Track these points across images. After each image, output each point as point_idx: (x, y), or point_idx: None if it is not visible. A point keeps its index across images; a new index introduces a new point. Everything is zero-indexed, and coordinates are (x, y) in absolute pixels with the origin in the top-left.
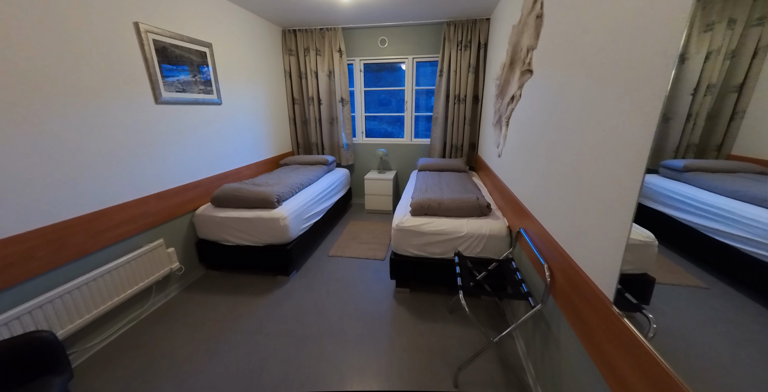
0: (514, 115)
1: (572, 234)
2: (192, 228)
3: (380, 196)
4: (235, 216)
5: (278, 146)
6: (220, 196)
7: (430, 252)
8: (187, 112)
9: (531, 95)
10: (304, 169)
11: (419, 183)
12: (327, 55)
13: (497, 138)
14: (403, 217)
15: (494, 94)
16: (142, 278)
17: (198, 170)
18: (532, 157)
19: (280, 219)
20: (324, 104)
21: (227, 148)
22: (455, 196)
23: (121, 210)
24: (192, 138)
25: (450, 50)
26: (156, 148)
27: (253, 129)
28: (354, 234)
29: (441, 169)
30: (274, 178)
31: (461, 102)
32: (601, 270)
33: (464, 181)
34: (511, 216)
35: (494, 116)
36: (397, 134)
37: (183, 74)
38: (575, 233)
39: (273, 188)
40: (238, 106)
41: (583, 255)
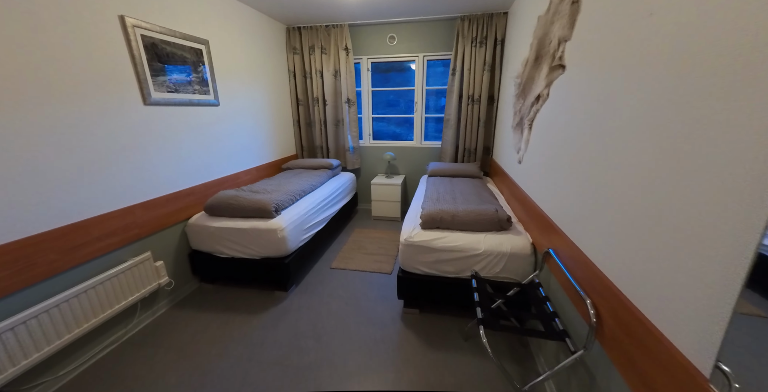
0: (539, 116)
1: (628, 268)
2: (185, 239)
3: (388, 202)
4: (229, 227)
5: (281, 149)
6: (214, 204)
7: (443, 270)
8: (181, 113)
9: (562, 94)
10: (307, 173)
11: (430, 190)
12: (333, 54)
13: (517, 142)
14: (413, 231)
15: (513, 93)
16: (125, 296)
17: (192, 176)
18: (565, 166)
19: (278, 231)
20: (329, 105)
21: (225, 152)
22: (471, 208)
23: (100, 223)
24: (186, 142)
25: (464, 47)
26: (143, 154)
27: (253, 131)
28: (359, 243)
29: (453, 175)
30: (274, 184)
31: (475, 102)
32: (684, 333)
33: (479, 188)
34: (536, 232)
35: (514, 118)
36: (406, 136)
37: (176, 73)
38: (634, 268)
39: (271, 196)
40: (238, 108)
41: (648, 299)
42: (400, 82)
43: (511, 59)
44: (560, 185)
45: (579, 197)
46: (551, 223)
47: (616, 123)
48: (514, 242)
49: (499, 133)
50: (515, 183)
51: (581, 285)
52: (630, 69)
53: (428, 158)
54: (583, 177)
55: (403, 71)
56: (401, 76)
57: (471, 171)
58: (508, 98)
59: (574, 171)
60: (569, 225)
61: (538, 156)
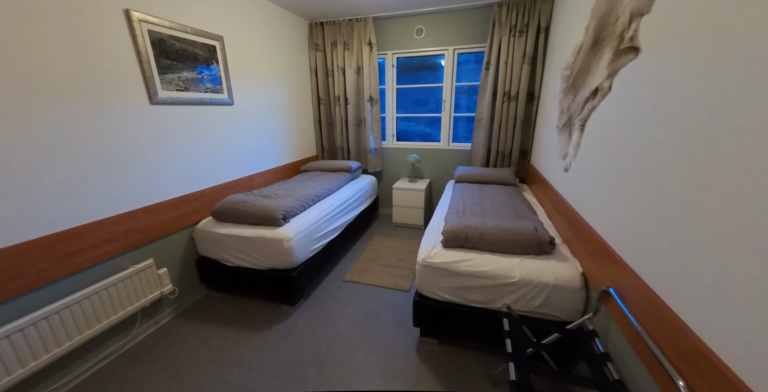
0: (595, 115)
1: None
2: (192, 244)
3: (410, 208)
4: (235, 234)
5: (301, 150)
6: (221, 209)
7: (467, 299)
8: (191, 113)
9: (632, 86)
10: (325, 176)
11: (456, 200)
12: (356, 50)
13: (563, 146)
14: (432, 249)
15: (560, 88)
16: (124, 305)
17: (202, 179)
18: (634, 180)
19: (284, 241)
20: (351, 104)
21: (239, 153)
22: (504, 224)
23: (97, 228)
24: (196, 143)
25: (500, 37)
26: (149, 155)
27: (270, 132)
28: (376, 253)
29: (484, 181)
30: (287, 188)
31: (512, 100)
32: None
33: (514, 199)
34: (588, 259)
35: (560, 117)
36: (432, 137)
37: (186, 71)
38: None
39: (280, 202)
40: (254, 107)
41: None
42: (429, 82)
43: (557, 48)
44: (626, 203)
45: (659, 223)
46: (609, 251)
47: (736, 124)
48: (559, 271)
49: (539, 135)
50: (559, 194)
51: (665, 352)
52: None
53: (456, 161)
54: (667, 195)
55: (433, 69)
56: (431, 76)
57: (504, 177)
58: (552, 94)
59: (649, 184)
60: (640, 257)
61: (593, 164)
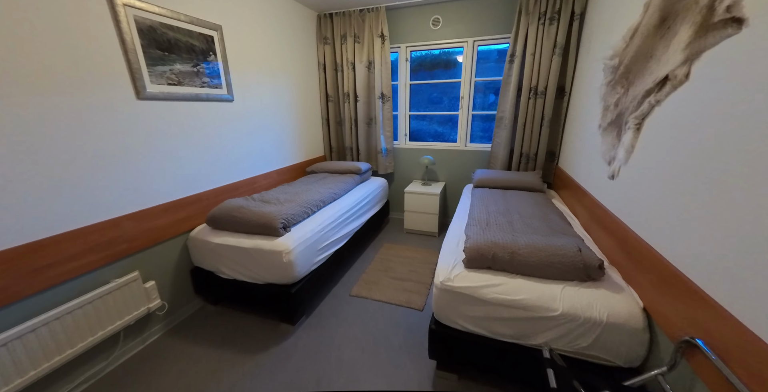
0: (659, 111)
1: None
2: (186, 253)
3: (423, 214)
4: (230, 244)
5: (307, 150)
6: (217, 215)
7: (495, 331)
8: (186, 110)
9: (728, 72)
10: (332, 179)
11: (476, 209)
12: (367, 43)
13: (609, 149)
14: (452, 269)
15: (603, 81)
16: (103, 325)
17: (198, 181)
18: (740, 197)
19: (283, 253)
20: (361, 101)
21: (241, 153)
22: (539, 242)
23: (75, 238)
24: (191, 142)
25: (528, 26)
26: (135, 156)
27: (275, 131)
28: (387, 263)
29: (506, 187)
30: (291, 192)
31: (539, 96)
32: None
33: (544, 208)
34: (652, 292)
35: (603, 115)
36: (447, 137)
37: (180, 63)
38: None
39: (281, 208)
40: (257, 104)
41: None
42: (443, 81)
43: (597, 35)
44: (721, 225)
45: None
46: (690, 286)
47: None
48: (613, 304)
49: (570, 135)
50: (600, 205)
51: None
52: None
53: (474, 164)
54: None
55: (447, 68)
56: (445, 75)
57: (531, 182)
58: (589, 89)
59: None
60: (749, 301)
61: (652, 171)
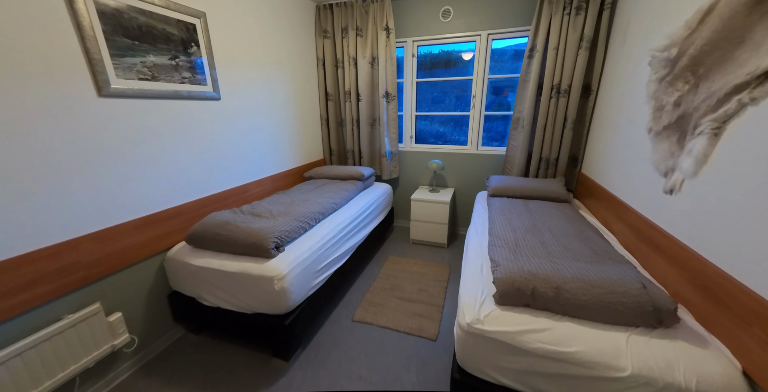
0: (756, 113)
1: None
2: (163, 275)
3: (432, 223)
4: (213, 267)
5: (305, 154)
6: (198, 233)
7: (539, 389)
8: (162, 109)
9: None
10: (332, 185)
11: (498, 224)
12: (370, 36)
13: (665, 157)
14: (480, 306)
15: (652, 77)
16: (52, 372)
17: (178, 192)
18: None
19: (275, 279)
20: (363, 100)
21: (230, 159)
22: (589, 274)
23: (17, 267)
24: (169, 147)
25: (550, 17)
26: (97, 165)
27: (269, 133)
28: (393, 280)
29: (527, 196)
30: (286, 203)
31: (562, 95)
32: None
33: (577, 223)
34: (752, 345)
35: (654, 116)
36: (456, 139)
37: (154, 54)
38: None
39: (274, 224)
40: (248, 103)
41: None
42: (449, 82)
43: (637, 25)
44: None
45: None
46: None
47: None
48: (702, 365)
49: (598, 139)
50: (652, 225)
51: None
52: None
53: (486, 169)
54: None
55: (447, 67)
56: (450, 74)
57: (555, 191)
58: (628, 86)
59: None
60: None
61: (743, 186)
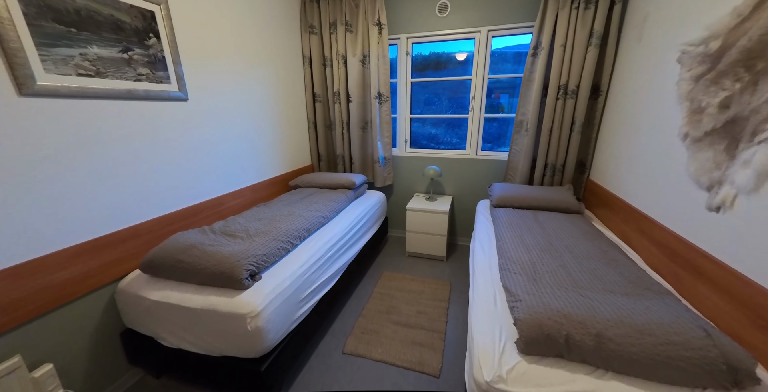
0: None
1: None
2: (114, 310)
3: (429, 235)
4: (173, 302)
5: (291, 160)
6: (156, 259)
7: None
8: (112, 111)
9: None
10: (320, 196)
11: (509, 241)
12: (361, 32)
13: (709, 168)
14: (500, 356)
15: (685, 75)
16: None
17: (135, 209)
18: None
19: (248, 318)
20: (354, 102)
21: (200, 167)
22: (634, 317)
23: None
24: (122, 155)
25: (557, 12)
26: (17, 181)
27: (248, 137)
28: (388, 300)
29: (535, 207)
30: (266, 218)
31: (570, 96)
32: None
33: (596, 240)
34: None
35: (693, 120)
36: (450, 142)
37: (98, 45)
38: None
39: (250, 246)
40: (224, 104)
41: None
42: (443, 83)
43: (658, 18)
44: None
45: None
46: None
47: None
48: None
49: (610, 144)
50: (693, 247)
51: None
52: None
53: (487, 175)
54: None
55: (438, 69)
56: (445, 75)
57: (565, 202)
58: (651, 85)
59: None
60: None
61: None
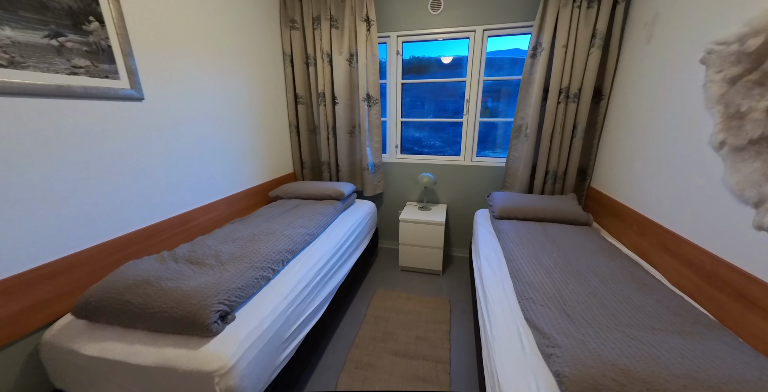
0: None
1: None
2: (40, 368)
3: (425, 247)
4: (117, 359)
5: (271, 168)
6: (94, 301)
7: None
8: (34, 112)
9: None
10: (305, 208)
11: (524, 262)
12: (347, 28)
13: (753, 180)
14: None
15: (715, 77)
16: None
17: (68, 235)
18: None
19: (216, 377)
20: (341, 104)
21: (164, 179)
22: (711, 373)
23: None
24: (54, 168)
25: (558, 10)
26: None
27: (221, 143)
28: (383, 324)
29: (541, 218)
30: (242, 238)
31: (572, 100)
32: None
33: (617, 257)
34: None
35: (730, 127)
36: (445, 148)
37: (12, 27)
38: None
39: (221, 277)
40: (191, 105)
41: None
42: (436, 87)
43: (671, 18)
44: None
45: None
46: None
47: None
48: None
49: (614, 149)
50: (745, 273)
51: None
52: None
53: (482, 182)
54: None
55: (420, 72)
56: (436, 76)
57: (572, 212)
58: (653, 91)
59: None
60: None
61: None
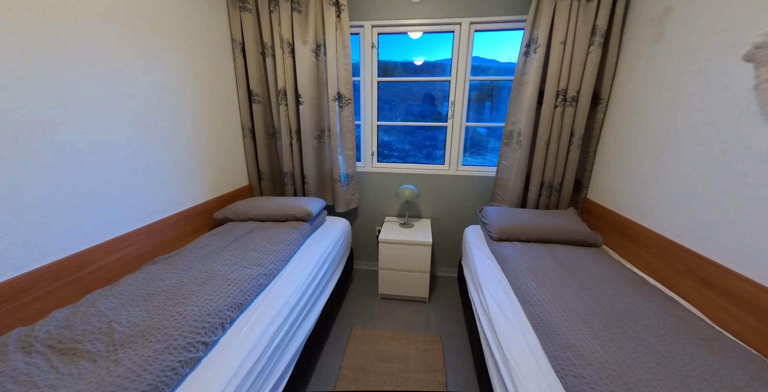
0: None
1: None
2: None
3: (408, 272)
4: None
5: (217, 181)
6: None
7: None
8: None
9: None
10: (261, 235)
11: (549, 307)
12: (313, 13)
13: None
14: None
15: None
16: None
17: None
18: None
19: None
20: (306, 103)
21: (32, 203)
22: None
23: None
24: None
25: (554, 4)
26: None
27: (140, 152)
28: (365, 378)
29: (546, 240)
30: (159, 293)
31: (569, 103)
32: None
33: (647, 290)
34: None
35: None
36: (425, 156)
37: None
38: None
39: (103, 380)
40: (88, 95)
41: None
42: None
43: (688, 13)
44: None
45: None
46: None
47: None
48: None
49: (614, 160)
50: None
51: None
52: None
53: (470, 194)
54: None
55: (389, 74)
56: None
57: (580, 232)
58: (670, 95)
59: None
60: None
61: None
